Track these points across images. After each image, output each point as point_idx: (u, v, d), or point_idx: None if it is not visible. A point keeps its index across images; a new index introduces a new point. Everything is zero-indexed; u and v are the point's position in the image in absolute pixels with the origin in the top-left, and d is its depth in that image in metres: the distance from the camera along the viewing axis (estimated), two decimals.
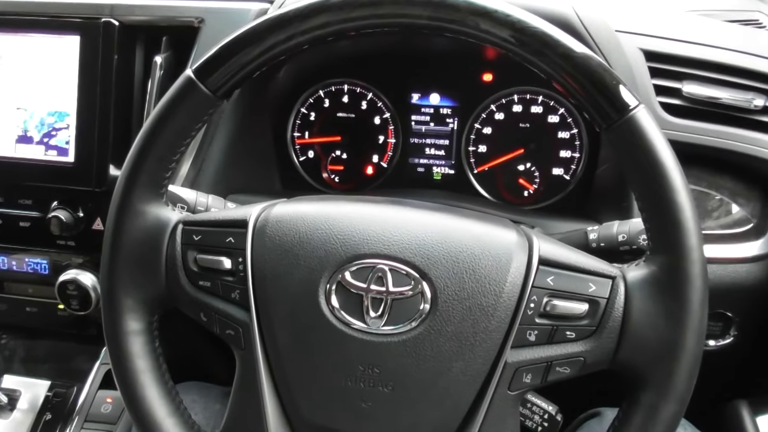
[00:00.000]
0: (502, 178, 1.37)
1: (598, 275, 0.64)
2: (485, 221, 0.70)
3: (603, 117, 0.62)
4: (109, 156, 1.09)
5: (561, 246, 0.68)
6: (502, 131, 1.37)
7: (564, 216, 1.18)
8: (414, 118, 1.40)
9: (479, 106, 1.37)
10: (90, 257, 1.11)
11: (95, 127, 1.07)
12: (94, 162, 1.08)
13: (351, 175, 1.44)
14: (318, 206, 0.70)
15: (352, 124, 1.42)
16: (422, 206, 0.73)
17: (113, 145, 1.12)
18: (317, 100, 1.42)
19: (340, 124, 1.42)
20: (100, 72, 1.06)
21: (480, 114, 1.37)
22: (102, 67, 1.06)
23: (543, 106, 1.34)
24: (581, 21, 1.07)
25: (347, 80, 1.41)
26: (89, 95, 1.06)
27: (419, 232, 0.66)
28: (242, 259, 0.67)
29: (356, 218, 0.67)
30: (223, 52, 0.67)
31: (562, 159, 1.34)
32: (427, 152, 1.41)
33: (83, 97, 1.06)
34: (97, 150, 1.07)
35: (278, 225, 0.68)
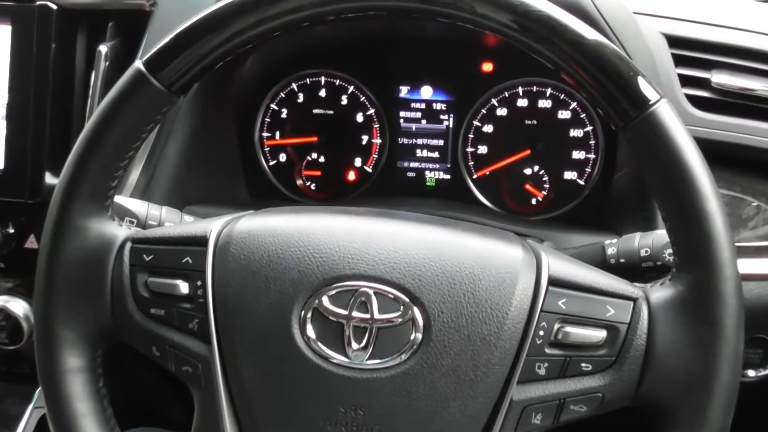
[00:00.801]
0: (505, 183, 1.37)
1: (617, 297, 0.65)
2: (486, 235, 0.70)
3: (619, 114, 0.63)
4: (45, 162, 1.09)
5: (574, 263, 0.68)
6: (505, 129, 1.37)
7: (578, 228, 1.19)
8: (403, 115, 1.40)
9: (478, 101, 1.37)
10: (21, 281, 1.11)
11: (29, 127, 1.07)
12: (27, 168, 1.07)
13: (330, 181, 1.44)
14: (291, 219, 0.70)
15: (331, 122, 1.42)
16: (413, 218, 0.73)
17: (50, 149, 1.11)
18: (290, 94, 1.42)
19: (317, 122, 1.42)
20: (35, 64, 1.06)
21: (479, 109, 1.37)
22: (37, 58, 1.06)
23: (552, 99, 1.34)
24: (593, 2, 1.07)
25: (324, 71, 1.41)
26: (22, 91, 1.06)
27: (409, 248, 0.66)
28: (202, 283, 0.67)
29: (336, 233, 0.67)
30: (179, 40, 0.67)
31: (574, 161, 1.34)
32: (419, 154, 1.41)
33: (15, 93, 1.06)
34: (31, 155, 1.07)
35: (244, 242, 0.68)
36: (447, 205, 1.30)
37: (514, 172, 1.37)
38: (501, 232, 0.74)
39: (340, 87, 1.42)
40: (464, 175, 1.39)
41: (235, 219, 0.72)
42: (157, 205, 0.91)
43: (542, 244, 0.80)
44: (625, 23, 1.08)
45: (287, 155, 1.45)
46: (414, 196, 1.39)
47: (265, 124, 1.44)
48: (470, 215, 1.20)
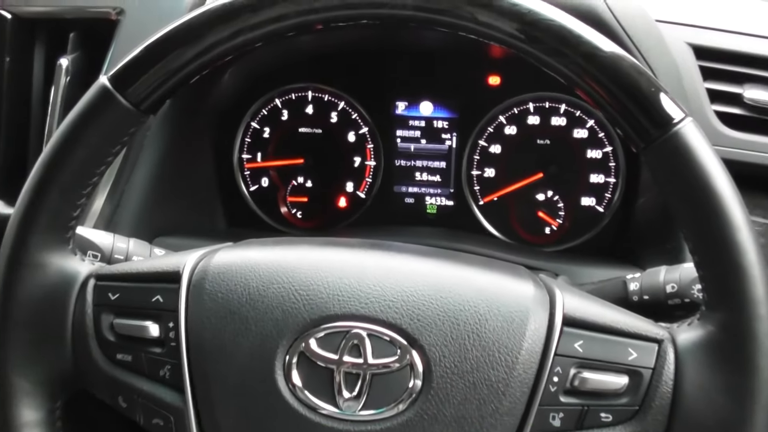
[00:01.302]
0: (515, 210, 1.38)
1: (640, 338, 0.65)
2: (493, 269, 0.71)
3: (640, 134, 0.63)
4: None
5: (592, 300, 0.69)
6: (514, 150, 1.38)
7: (597, 260, 1.19)
8: (399, 134, 1.41)
9: (484, 118, 1.38)
10: None
11: None
12: None
13: (318, 209, 1.44)
14: (274, 252, 0.71)
15: (319, 142, 1.42)
16: (411, 251, 0.74)
17: (4, 175, 1.13)
18: (272, 111, 1.43)
19: (303, 142, 1.42)
20: None
21: (485, 128, 1.38)
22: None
23: (566, 117, 1.35)
24: (610, 9, 1.09)
25: (312, 85, 1.41)
26: None
27: (407, 285, 0.67)
28: (174, 325, 0.67)
29: (324, 268, 0.67)
30: (149, 53, 0.68)
31: (593, 185, 1.35)
32: (418, 178, 1.41)
33: None
34: None
35: (222, 278, 0.68)
36: (450, 235, 1.30)
37: (525, 197, 1.38)
38: (510, 265, 0.75)
39: (330, 103, 1.42)
40: (469, 201, 1.40)
41: (212, 252, 0.72)
42: (124, 237, 0.91)
43: (556, 279, 0.80)
44: (646, 32, 1.10)
45: (270, 179, 1.45)
46: (412, 225, 1.40)
47: (245, 145, 1.45)
48: (476, 246, 1.20)
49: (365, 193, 1.43)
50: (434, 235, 1.27)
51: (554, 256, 1.26)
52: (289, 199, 1.44)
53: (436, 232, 1.32)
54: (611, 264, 1.15)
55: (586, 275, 1.10)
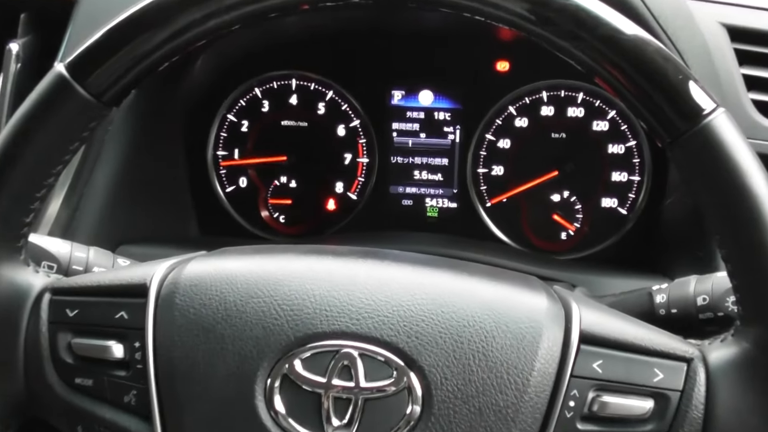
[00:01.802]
0: (527, 213, 1.38)
1: (667, 357, 0.65)
2: (502, 280, 0.71)
3: (666, 127, 0.64)
4: None
5: (613, 315, 0.69)
6: (525, 145, 1.38)
7: (618, 270, 1.19)
8: (396, 127, 1.41)
9: (491, 109, 1.38)
10: None
11: None
12: None
13: (303, 213, 1.44)
14: (253, 262, 0.71)
15: (304, 136, 1.42)
16: (409, 260, 0.74)
17: None
18: (251, 102, 1.43)
19: (287, 137, 1.43)
20: None
21: (493, 120, 1.38)
22: None
23: (584, 107, 1.35)
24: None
25: (296, 72, 1.42)
26: None
27: (404, 298, 0.67)
28: (140, 344, 0.68)
29: (311, 279, 0.68)
30: (111, 37, 0.68)
31: (614, 185, 1.35)
32: (417, 177, 1.42)
33: None
34: None
35: (194, 291, 0.68)
36: (453, 242, 1.31)
37: (537, 199, 1.38)
38: (520, 276, 0.75)
39: (316, 92, 1.42)
40: (475, 203, 1.41)
41: (183, 262, 0.72)
42: (83, 246, 0.92)
43: (573, 291, 0.81)
44: (674, 12, 1.10)
45: (249, 179, 1.45)
46: (410, 231, 1.40)
47: (220, 141, 1.45)
48: (482, 254, 1.20)
49: (357, 194, 1.43)
50: (435, 242, 1.28)
51: (571, 265, 1.26)
52: (270, 202, 1.44)
53: (437, 239, 1.32)
54: (635, 274, 1.15)
55: (606, 286, 1.10)
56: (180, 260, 0.74)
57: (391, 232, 1.39)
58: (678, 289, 0.88)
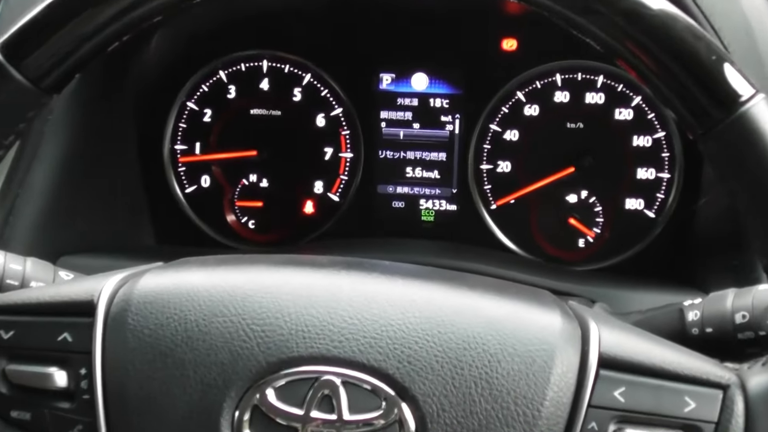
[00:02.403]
0: (539, 217, 1.39)
1: (700, 383, 0.65)
2: (508, 295, 0.71)
3: (698, 116, 0.64)
4: None
5: (637, 335, 0.69)
6: (537, 137, 1.38)
7: (645, 282, 1.19)
8: (385, 116, 1.41)
9: (497, 95, 1.38)
10: None
11: None
12: None
13: (276, 217, 1.44)
14: (218, 274, 0.70)
15: (278, 128, 1.43)
16: (399, 271, 0.74)
17: None
18: (215, 87, 1.43)
19: (257, 128, 1.43)
20: None
21: (498, 107, 1.38)
22: None
23: (605, 92, 1.35)
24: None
25: (267, 52, 1.42)
26: None
27: (394, 316, 0.67)
28: (87, 371, 0.67)
29: (285, 294, 0.67)
30: (51, 14, 0.67)
31: (640, 183, 1.36)
32: (410, 175, 1.42)
33: None
34: None
35: (149, 309, 0.68)
36: (452, 250, 1.30)
37: (551, 199, 1.38)
38: (531, 290, 0.75)
39: (291, 76, 1.42)
40: (477, 204, 1.41)
41: (136, 275, 0.72)
42: (19, 256, 0.90)
43: (592, 308, 0.81)
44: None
45: (212, 178, 1.45)
46: (403, 238, 1.39)
47: (178, 133, 1.44)
48: (486, 264, 1.20)
49: (339, 195, 1.43)
50: (431, 251, 1.28)
51: (589, 277, 1.26)
52: (237, 205, 1.44)
53: (433, 247, 1.32)
54: (664, 287, 1.16)
55: (631, 302, 1.09)
56: (133, 273, 0.73)
57: (379, 239, 1.38)
58: (713, 304, 0.87)
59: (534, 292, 0.74)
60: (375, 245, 1.34)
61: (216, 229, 1.47)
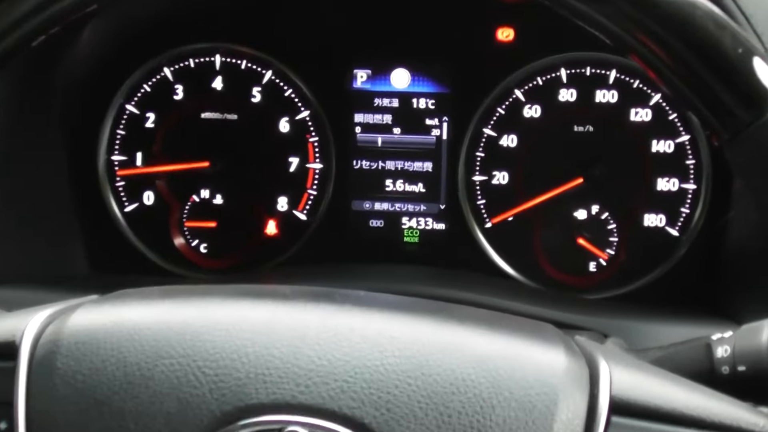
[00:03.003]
0: (542, 237, 1.40)
1: (730, 431, 0.66)
2: (505, 330, 0.71)
3: (723, 119, 0.64)
4: None
5: (657, 375, 0.69)
6: (539, 142, 1.39)
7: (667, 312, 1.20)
8: (360, 120, 1.42)
9: (491, 94, 1.39)
10: None
11: None
12: None
13: (233, 239, 1.45)
14: (164, 309, 0.71)
15: (234, 134, 1.43)
16: (377, 303, 0.74)
17: None
18: (159, 87, 1.43)
19: (209, 135, 1.43)
20: None
21: (494, 108, 1.39)
22: None
23: (618, 89, 1.36)
24: None
25: (221, 46, 1.43)
26: None
27: (371, 357, 0.66)
28: (9, 425, 0.66)
29: (242, 332, 0.67)
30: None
31: (661, 196, 1.37)
32: (390, 188, 1.43)
33: None
34: None
35: (82, 351, 0.67)
36: (439, 278, 1.30)
37: (556, 216, 1.39)
38: (531, 323, 0.75)
39: (249, 73, 1.43)
40: (470, 222, 1.41)
41: (67, 311, 0.72)
42: None
43: (604, 344, 0.80)
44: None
45: (157, 194, 1.45)
46: (381, 263, 1.40)
47: (116, 141, 1.44)
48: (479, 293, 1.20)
49: (307, 213, 1.43)
50: (415, 278, 1.28)
51: (601, 307, 1.26)
52: (187, 225, 1.44)
53: (417, 273, 1.33)
54: (689, 317, 1.16)
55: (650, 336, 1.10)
56: (63, 308, 0.73)
57: (353, 264, 1.38)
58: (746, 338, 0.87)
59: (535, 326, 0.74)
60: (349, 272, 1.34)
61: (161, 254, 1.46)
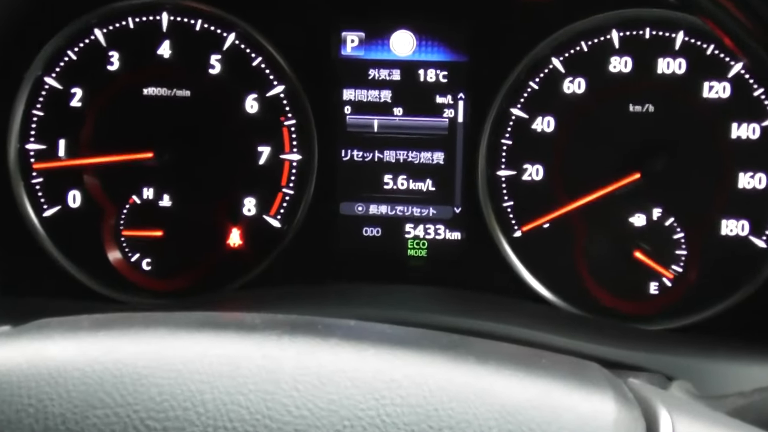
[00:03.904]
0: (587, 248, 1.41)
1: None
2: (538, 371, 0.73)
3: None
4: None
5: (734, 429, 0.70)
6: (583, 126, 1.40)
7: (751, 348, 1.18)
8: (350, 97, 1.43)
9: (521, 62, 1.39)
10: None
11: None
12: None
13: (185, 253, 1.46)
14: (96, 346, 0.72)
15: (187, 116, 1.44)
16: (371, 337, 0.77)
17: None
18: (88, 54, 1.44)
19: (154, 117, 1.44)
20: None
21: (524, 82, 1.39)
22: None
23: (687, 57, 1.36)
24: None
25: (169, 1, 1.43)
26: None
27: (364, 407, 0.67)
28: None
29: (198, 375, 0.69)
30: None
31: (743, 197, 1.37)
32: (389, 186, 1.44)
33: None
34: None
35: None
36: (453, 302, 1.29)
37: (607, 223, 1.38)
38: (572, 362, 0.78)
39: (207, 36, 1.42)
40: (493, 230, 1.40)
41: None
42: None
43: (667, 389, 0.81)
44: None
45: (85, 195, 1.44)
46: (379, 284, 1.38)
47: (32, 124, 1.44)
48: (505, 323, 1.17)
49: (282, 219, 1.42)
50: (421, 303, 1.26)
51: (665, 341, 1.24)
52: (125, 234, 1.43)
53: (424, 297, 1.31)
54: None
55: (728, 378, 1.09)
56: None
57: (341, 286, 1.37)
58: None
59: (576, 366, 0.77)
60: (335, 296, 1.32)
61: (92, 272, 1.45)
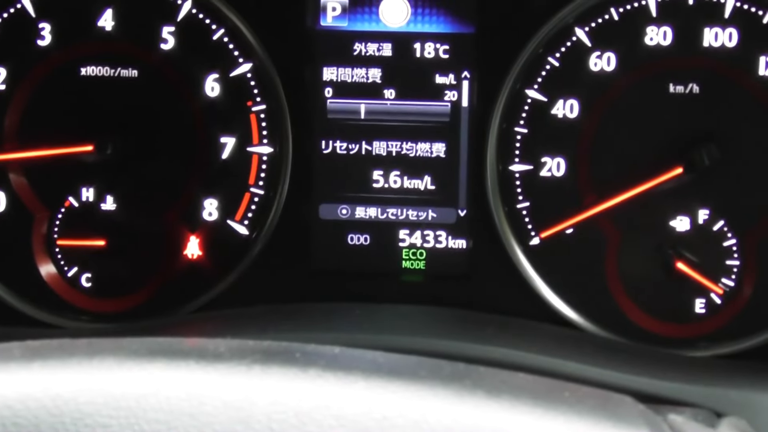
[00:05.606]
0: (620, 259, 1.35)
1: None
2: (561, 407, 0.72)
3: None
4: None
5: None
6: (614, 111, 1.35)
7: None
8: (332, 77, 1.38)
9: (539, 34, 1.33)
10: None
11: None
12: None
13: (132, 267, 1.41)
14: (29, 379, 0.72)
15: (134, 101, 1.39)
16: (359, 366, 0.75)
17: None
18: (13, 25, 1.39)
19: (95, 102, 1.40)
20: None
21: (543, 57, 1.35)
22: None
23: (738, 26, 1.31)
24: None
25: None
26: None
27: None
28: None
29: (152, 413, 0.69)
30: None
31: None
32: (379, 185, 1.39)
33: None
34: None
35: None
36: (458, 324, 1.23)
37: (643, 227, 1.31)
38: (603, 396, 0.76)
39: (156, 3, 1.35)
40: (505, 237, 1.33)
41: None
42: None
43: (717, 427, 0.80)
44: None
45: (12, 196, 1.38)
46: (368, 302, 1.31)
47: None
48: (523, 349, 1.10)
49: (249, 225, 1.35)
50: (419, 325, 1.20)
51: (713, 370, 1.17)
52: (59, 244, 1.36)
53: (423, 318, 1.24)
54: None
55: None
56: None
57: (324, 305, 1.30)
58: None
59: (606, 400, 0.79)
60: (316, 317, 1.24)
61: (20, 291, 1.39)
